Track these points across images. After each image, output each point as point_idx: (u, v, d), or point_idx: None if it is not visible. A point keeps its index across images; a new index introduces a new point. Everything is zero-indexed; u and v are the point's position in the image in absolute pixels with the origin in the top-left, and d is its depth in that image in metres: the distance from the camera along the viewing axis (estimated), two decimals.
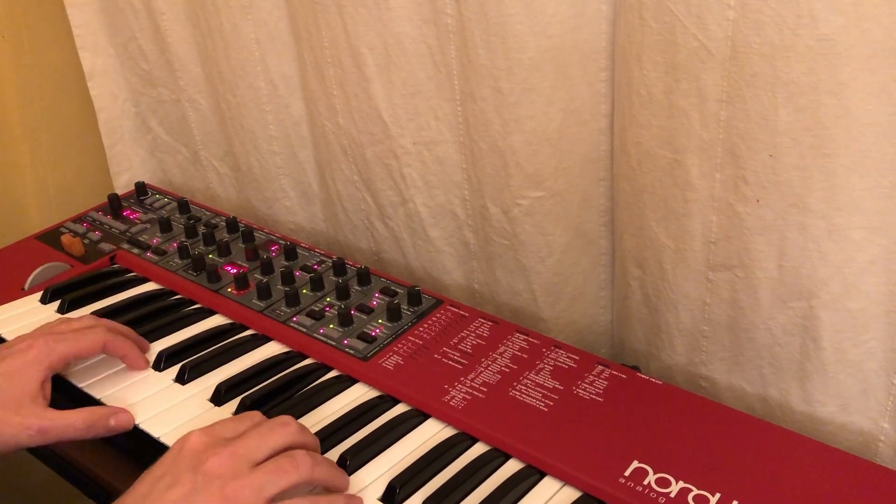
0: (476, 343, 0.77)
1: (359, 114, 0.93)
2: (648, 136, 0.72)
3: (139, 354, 0.76)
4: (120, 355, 0.75)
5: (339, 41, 0.89)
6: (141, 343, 0.78)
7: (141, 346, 0.78)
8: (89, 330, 0.73)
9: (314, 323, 0.81)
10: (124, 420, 0.69)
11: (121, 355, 0.75)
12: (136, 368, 0.76)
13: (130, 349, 0.75)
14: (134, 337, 0.78)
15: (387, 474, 0.64)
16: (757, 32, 0.61)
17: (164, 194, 1.09)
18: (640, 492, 0.60)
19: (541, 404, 0.69)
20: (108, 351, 0.74)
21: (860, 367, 0.70)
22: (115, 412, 0.69)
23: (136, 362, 0.76)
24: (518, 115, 0.79)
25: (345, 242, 1.06)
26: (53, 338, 0.71)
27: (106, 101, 1.19)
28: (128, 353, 0.75)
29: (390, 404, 0.72)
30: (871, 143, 0.61)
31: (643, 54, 0.69)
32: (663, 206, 0.74)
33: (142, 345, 0.78)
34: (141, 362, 0.76)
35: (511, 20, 0.75)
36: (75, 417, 0.67)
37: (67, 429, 0.66)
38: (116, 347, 0.74)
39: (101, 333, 0.73)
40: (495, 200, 0.86)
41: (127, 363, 0.76)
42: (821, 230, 0.66)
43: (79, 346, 0.72)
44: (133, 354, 0.75)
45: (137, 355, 0.76)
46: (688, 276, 0.75)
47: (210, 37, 1.04)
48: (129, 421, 0.69)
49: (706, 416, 0.68)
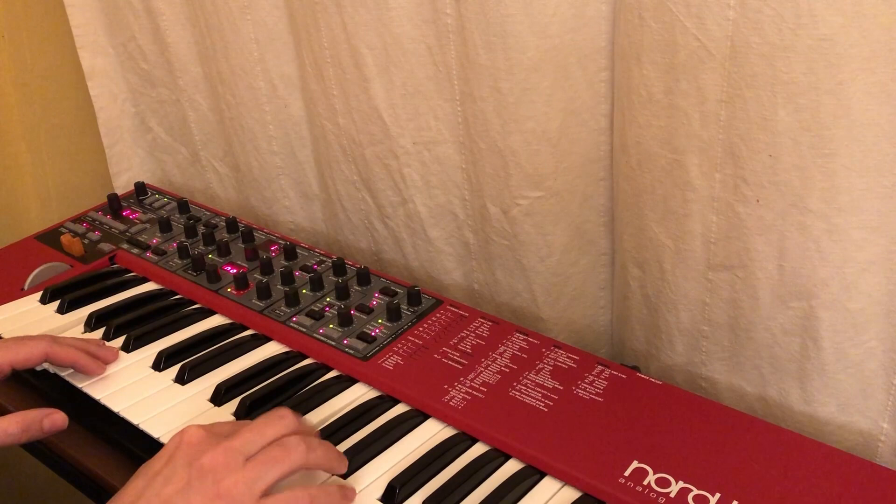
0: (476, 343, 0.77)
1: (358, 114, 0.93)
2: (648, 136, 0.72)
3: (90, 360, 0.74)
4: (67, 364, 0.73)
5: (338, 41, 0.89)
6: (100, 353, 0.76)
7: (99, 355, 0.76)
8: (32, 339, 0.73)
9: (314, 323, 0.81)
10: (58, 420, 0.67)
11: (68, 364, 0.73)
12: (91, 374, 0.74)
13: (78, 357, 0.73)
14: (87, 348, 0.75)
15: (387, 474, 0.64)
16: (757, 32, 0.61)
17: (164, 194, 1.09)
18: (640, 492, 0.60)
19: (541, 404, 0.69)
20: (51, 360, 0.73)
21: (860, 367, 0.70)
22: (48, 413, 0.67)
23: (87, 367, 0.74)
24: (518, 115, 0.79)
25: (344, 242, 1.06)
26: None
27: (105, 100, 1.19)
28: (76, 361, 0.73)
29: (390, 404, 0.72)
30: (871, 143, 0.61)
31: (643, 54, 0.69)
32: (663, 206, 0.74)
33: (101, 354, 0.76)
34: (92, 367, 0.74)
35: (511, 20, 0.75)
36: (8, 423, 0.65)
37: (1, 434, 0.65)
38: (60, 357, 0.73)
39: (42, 344, 0.72)
40: (495, 200, 0.86)
41: (79, 370, 0.74)
42: (821, 230, 0.66)
43: (14, 355, 0.70)
44: (83, 361, 0.74)
45: (88, 361, 0.74)
46: (688, 276, 0.75)
47: (209, 37, 1.04)
48: (62, 421, 0.67)
49: (706, 416, 0.68)
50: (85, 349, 0.75)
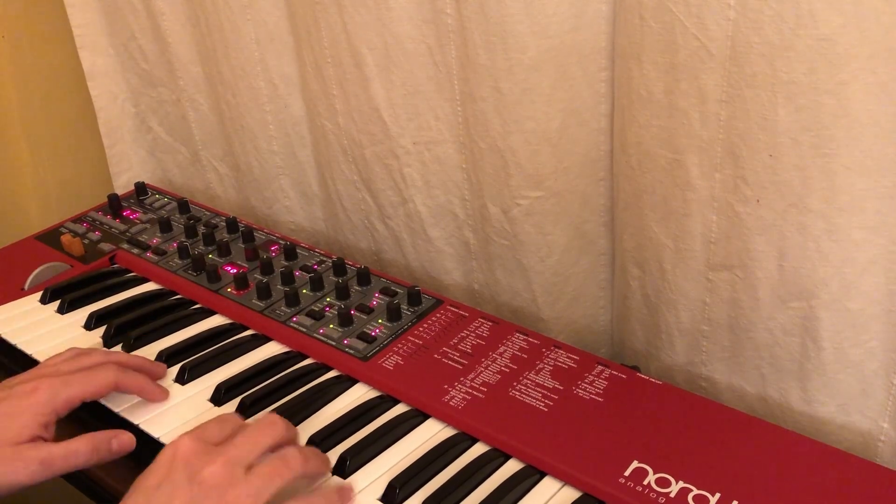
0: (476, 343, 0.77)
1: (359, 114, 0.93)
2: (648, 136, 0.72)
3: (155, 387, 0.72)
4: (134, 392, 0.71)
5: (339, 41, 0.89)
6: (155, 370, 0.74)
7: (155, 374, 0.74)
8: (100, 369, 0.69)
9: (314, 323, 0.81)
10: (126, 441, 0.66)
11: (135, 392, 0.71)
12: (156, 401, 0.72)
13: (145, 384, 0.71)
14: (147, 367, 0.74)
15: (387, 474, 0.64)
16: (757, 32, 0.61)
17: (164, 194, 1.09)
18: (640, 492, 0.60)
19: (541, 404, 0.69)
20: (120, 390, 0.70)
21: (860, 367, 0.70)
22: (116, 434, 0.66)
23: (153, 395, 0.72)
24: (518, 115, 0.79)
25: (345, 242, 1.06)
26: (60, 381, 0.67)
27: (106, 100, 1.19)
28: (143, 388, 0.71)
29: (390, 404, 0.72)
30: (871, 143, 0.61)
31: (643, 54, 0.69)
32: (663, 206, 0.74)
33: (156, 371, 0.74)
34: (158, 393, 0.72)
35: (511, 20, 0.75)
36: (78, 444, 0.64)
37: (71, 456, 0.63)
38: (129, 385, 0.70)
39: (111, 373, 0.69)
40: (495, 200, 0.86)
41: (144, 397, 0.72)
42: (821, 230, 0.66)
43: (86, 390, 0.67)
44: (149, 388, 0.72)
45: (153, 388, 0.72)
46: (688, 276, 0.75)
47: (210, 37, 1.04)
48: (130, 442, 0.66)
49: (706, 416, 0.68)
50: (147, 370, 0.73)
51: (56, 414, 0.66)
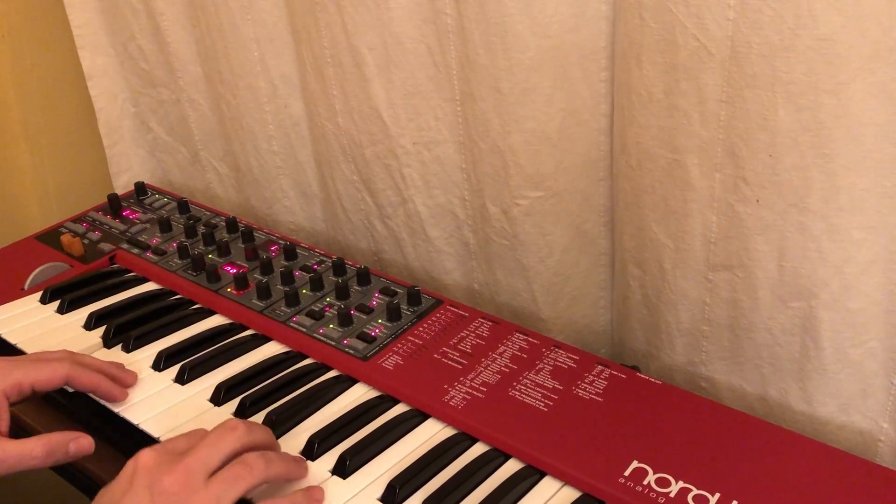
0: (476, 343, 0.77)
1: (358, 114, 0.93)
2: (648, 136, 0.72)
3: (111, 385, 0.71)
4: (88, 390, 0.71)
5: (338, 41, 0.89)
6: (122, 376, 0.74)
7: (120, 379, 0.73)
8: (54, 361, 0.69)
9: (314, 323, 0.81)
10: (85, 445, 0.64)
11: (89, 390, 0.71)
12: (113, 400, 0.72)
13: (100, 382, 0.71)
14: (110, 371, 0.73)
15: (387, 474, 0.64)
16: (757, 32, 0.61)
17: (164, 194, 1.09)
18: (640, 492, 0.60)
19: (540, 404, 0.69)
20: (71, 384, 0.69)
21: (860, 367, 0.70)
22: (74, 437, 0.64)
23: (109, 394, 0.71)
24: (518, 115, 0.79)
25: (344, 242, 1.06)
26: (11, 364, 0.67)
27: (106, 101, 1.19)
28: (98, 386, 0.70)
29: (390, 404, 0.72)
30: (871, 143, 0.61)
31: (643, 54, 0.69)
32: (663, 206, 0.74)
33: (123, 378, 0.74)
34: (115, 392, 0.71)
35: (511, 20, 0.75)
36: (33, 445, 0.62)
37: (25, 458, 0.62)
38: (82, 381, 0.69)
39: (65, 366, 0.69)
40: (495, 200, 0.86)
41: (100, 396, 0.72)
42: (821, 230, 0.66)
43: (36, 377, 0.67)
44: (105, 386, 0.71)
45: (110, 387, 0.71)
46: (688, 276, 0.75)
47: (210, 37, 1.04)
48: (89, 445, 0.65)
49: (706, 416, 0.68)
50: (107, 372, 0.72)
51: (5, 396, 0.65)
